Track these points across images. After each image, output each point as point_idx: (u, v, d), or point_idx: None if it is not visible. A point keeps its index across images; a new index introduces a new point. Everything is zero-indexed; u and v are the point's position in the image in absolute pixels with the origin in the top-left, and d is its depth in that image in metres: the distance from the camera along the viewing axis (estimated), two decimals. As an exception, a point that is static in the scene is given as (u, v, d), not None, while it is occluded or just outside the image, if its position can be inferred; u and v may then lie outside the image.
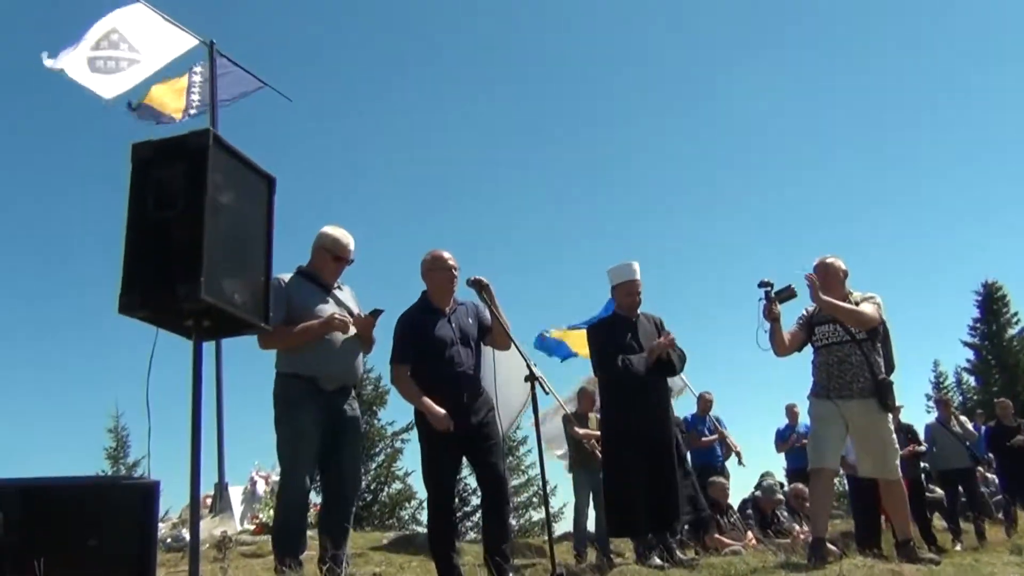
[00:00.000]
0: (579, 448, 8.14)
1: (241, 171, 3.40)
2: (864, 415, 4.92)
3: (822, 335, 5.15)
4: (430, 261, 4.67)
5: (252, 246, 3.43)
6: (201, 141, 3.15)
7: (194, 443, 3.12)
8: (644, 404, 5.31)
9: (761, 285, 5.05)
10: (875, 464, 4.99)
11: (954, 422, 9.86)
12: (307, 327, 4.24)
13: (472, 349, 4.60)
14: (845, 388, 4.96)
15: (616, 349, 5.41)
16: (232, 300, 3.21)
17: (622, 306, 5.68)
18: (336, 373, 4.33)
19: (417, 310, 4.65)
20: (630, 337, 5.49)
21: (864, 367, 4.96)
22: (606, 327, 5.74)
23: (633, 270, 5.64)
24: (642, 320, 5.62)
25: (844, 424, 4.96)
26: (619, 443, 5.34)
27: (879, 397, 4.91)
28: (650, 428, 5.27)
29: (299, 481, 4.14)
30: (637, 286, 5.60)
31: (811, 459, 5.01)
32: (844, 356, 5.02)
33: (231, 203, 3.25)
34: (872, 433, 4.94)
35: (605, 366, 5.50)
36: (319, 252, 4.49)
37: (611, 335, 5.54)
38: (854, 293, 5.22)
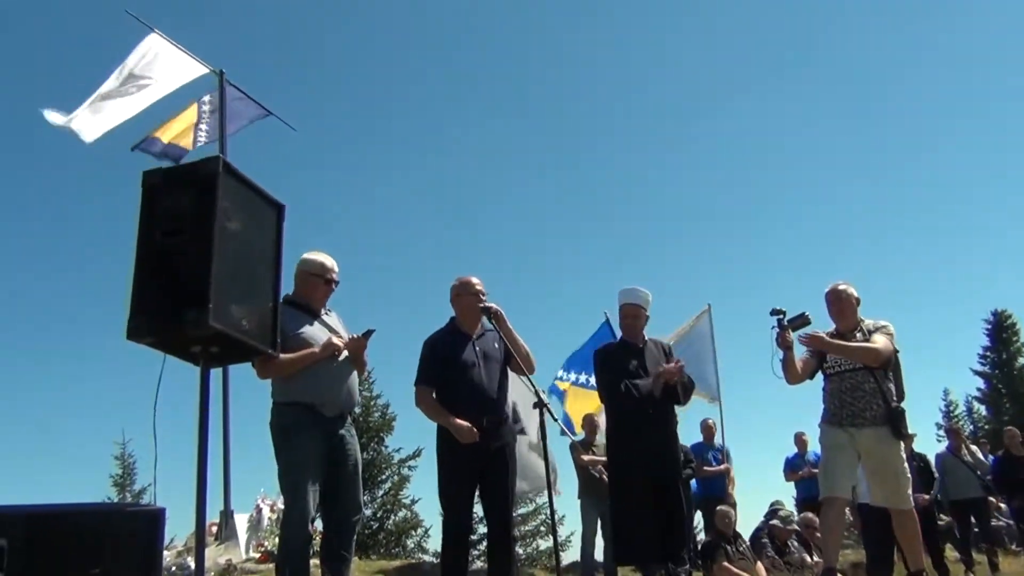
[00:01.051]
0: (586, 476, 8.10)
1: (250, 198, 3.42)
2: (877, 443, 4.88)
3: (834, 362, 5.12)
4: (458, 287, 4.75)
5: (260, 272, 3.44)
6: (211, 168, 3.18)
7: (200, 470, 3.12)
8: (649, 430, 5.27)
9: (773, 313, 5.04)
10: (887, 493, 4.94)
11: (965, 451, 9.77)
12: (307, 353, 4.23)
13: (496, 373, 4.64)
14: (858, 416, 4.92)
15: (620, 374, 5.39)
16: (240, 326, 3.22)
17: (623, 329, 5.69)
18: (335, 399, 4.32)
19: (443, 333, 4.73)
20: (636, 364, 5.46)
21: (877, 395, 4.93)
22: (612, 352, 5.73)
23: (636, 295, 5.64)
24: (650, 346, 5.60)
25: (856, 452, 4.92)
26: (625, 469, 5.30)
27: (892, 425, 4.87)
28: (656, 454, 5.23)
29: (302, 509, 4.11)
30: (636, 310, 5.59)
31: (823, 488, 4.97)
32: (857, 383, 4.99)
33: (240, 230, 3.27)
34: (885, 462, 4.89)
35: (610, 390, 5.50)
36: (307, 278, 4.47)
37: (617, 360, 5.53)
38: (866, 321, 5.20)
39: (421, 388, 4.58)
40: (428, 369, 4.59)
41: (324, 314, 4.54)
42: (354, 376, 4.48)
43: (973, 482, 9.51)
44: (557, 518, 4.79)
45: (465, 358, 4.59)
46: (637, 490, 5.16)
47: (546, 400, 4.47)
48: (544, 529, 21.97)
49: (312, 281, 4.47)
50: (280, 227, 3.59)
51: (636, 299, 5.62)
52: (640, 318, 5.58)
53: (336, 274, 4.52)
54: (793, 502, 10.32)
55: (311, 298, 4.47)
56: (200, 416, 3.17)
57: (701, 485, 9.26)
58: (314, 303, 4.48)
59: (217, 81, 9.46)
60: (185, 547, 8.13)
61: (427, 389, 4.57)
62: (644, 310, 5.61)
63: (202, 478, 3.11)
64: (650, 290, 5.71)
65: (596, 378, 5.77)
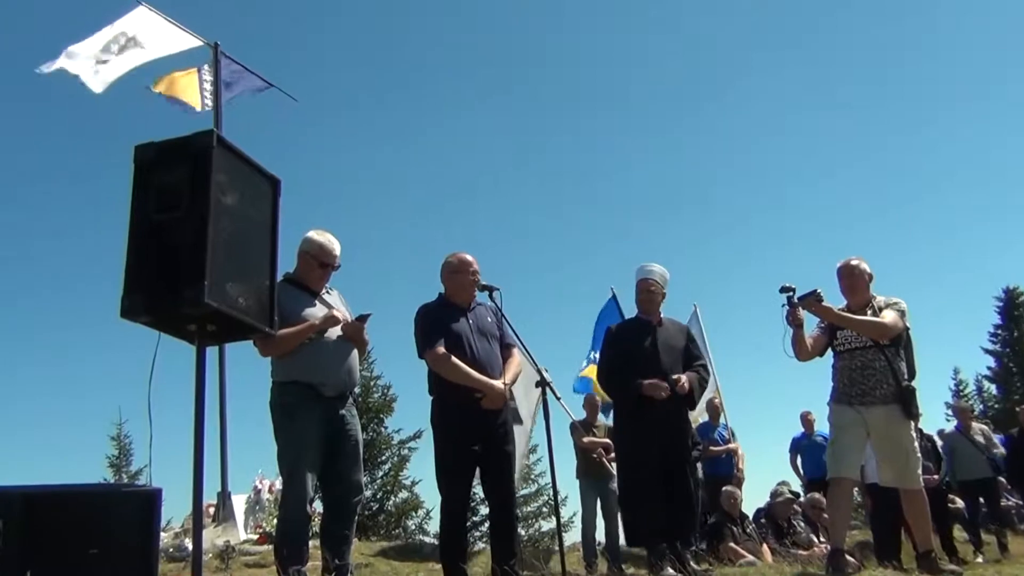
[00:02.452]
0: (585, 457, 8.12)
1: (245, 173, 3.40)
2: (887, 422, 4.88)
3: (844, 339, 5.12)
4: (456, 264, 4.76)
5: (257, 249, 3.43)
6: (205, 142, 3.16)
7: (197, 451, 3.12)
8: (658, 411, 5.24)
9: (783, 290, 5.02)
10: (897, 473, 4.95)
11: (975, 430, 9.79)
12: (307, 326, 4.24)
13: (491, 345, 4.67)
14: (868, 394, 4.92)
15: (627, 355, 5.38)
16: (236, 304, 3.21)
17: (639, 306, 5.65)
18: (335, 379, 4.33)
19: (435, 305, 4.74)
20: (649, 342, 5.42)
21: (887, 373, 4.93)
22: (622, 330, 5.72)
23: (650, 270, 5.60)
24: (666, 325, 5.56)
25: (865, 432, 4.93)
26: (633, 452, 5.30)
27: (902, 404, 4.87)
28: (665, 435, 5.21)
29: (301, 490, 4.13)
30: (650, 285, 5.54)
31: (830, 468, 4.98)
32: (867, 361, 4.99)
33: (235, 205, 3.26)
34: (894, 441, 4.90)
35: (610, 382, 5.52)
36: (304, 258, 4.49)
37: (628, 337, 5.50)
38: (878, 298, 5.18)
39: (435, 349, 4.52)
40: (434, 330, 4.57)
41: (326, 292, 4.54)
42: (354, 355, 4.49)
43: (982, 462, 9.53)
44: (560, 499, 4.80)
45: (459, 329, 4.60)
46: (645, 472, 5.16)
47: (548, 378, 4.47)
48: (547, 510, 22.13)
49: (308, 262, 4.47)
50: (276, 202, 3.58)
51: (650, 275, 5.58)
52: (655, 295, 5.54)
53: (336, 258, 4.51)
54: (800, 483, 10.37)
55: (307, 278, 4.48)
56: (196, 395, 3.17)
57: (708, 465, 9.30)
58: (311, 283, 4.48)
59: (212, 54, 9.41)
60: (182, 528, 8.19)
61: (439, 347, 4.51)
62: (660, 286, 5.57)
63: (199, 458, 3.12)
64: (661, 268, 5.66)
65: (599, 355, 5.76)
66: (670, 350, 5.44)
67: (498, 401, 4.48)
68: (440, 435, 4.53)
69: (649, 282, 5.56)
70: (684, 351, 5.53)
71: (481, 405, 4.45)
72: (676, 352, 5.47)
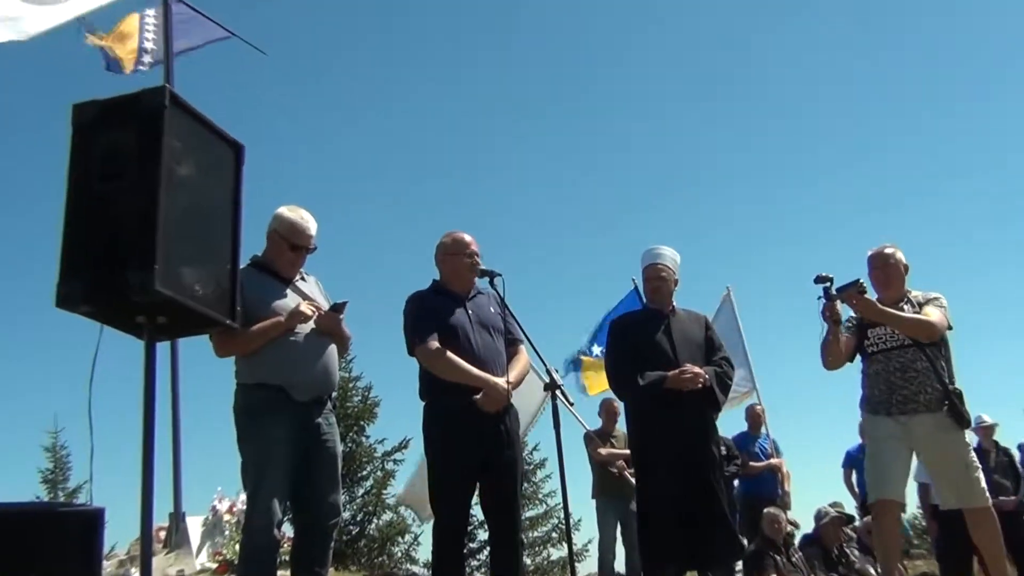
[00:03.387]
0: (603, 473, 8.14)
1: (203, 137, 3.41)
2: (935, 433, 4.88)
3: (877, 339, 5.12)
4: (450, 244, 4.79)
5: (216, 227, 3.44)
6: (156, 100, 3.16)
7: (146, 464, 3.14)
8: (678, 418, 5.20)
9: (818, 281, 5.01)
10: (957, 491, 4.94)
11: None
12: (272, 323, 4.26)
13: (494, 342, 4.69)
14: (910, 400, 4.92)
15: (637, 351, 5.35)
16: (192, 292, 3.22)
17: (648, 294, 5.66)
18: (309, 381, 4.34)
19: (428, 292, 4.77)
20: (661, 334, 5.41)
21: (930, 375, 4.92)
22: (632, 320, 5.72)
23: (658, 253, 5.59)
24: (680, 316, 5.55)
25: (908, 446, 4.93)
26: (650, 464, 5.28)
27: (952, 409, 4.86)
28: (687, 446, 5.18)
29: (267, 510, 4.14)
30: (659, 270, 5.51)
31: (871, 490, 4.98)
32: (907, 363, 4.99)
33: (191, 175, 3.26)
34: (947, 454, 4.90)
35: (618, 381, 5.49)
36: (274, 239, 4.50)
37: (636, 330, 5.49)
38: (914, 292, 5.19)
39: (426, 343, 4.54)
40: (427, 322, 4.59)
41: (300, 279, 4.56)
42: (333, 352, 4.50)
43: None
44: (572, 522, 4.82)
45: (455, 321, 4.62)
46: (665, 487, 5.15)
47: (558, 379, 4.48)
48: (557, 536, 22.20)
49: (278, 243, 4.48)
50: (240, 172, 3.59)
51: (658, 259, 5.57)
52: (665, 281, 5.52)
53: (310, 239, 4.52)
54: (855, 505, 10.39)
55: (278, 261, 4.49)
56: (145, 400, 3.19)
57: (747, 484, 9.32)
58: (281, 268, 4.50)
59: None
60: (128, 555, 8.22)
61: (432, 342, 4.54)
62: (671, 272, 5.55)
63: (148, 473, 3.14)
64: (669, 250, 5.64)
65: (606, 352, 5.75)
66: (687, 343, 5.42)
67: (499, 402, 4.49)
68: (433, 445, 4.56)
69: (658, 267, 5.55)
70: (704, 344, 5.52)
71: (479, 406, 4.47)
72: (694, 345, 5.45)
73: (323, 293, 4.68)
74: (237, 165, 3.59)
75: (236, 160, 3.59)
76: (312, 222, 4.53)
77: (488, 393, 4.48)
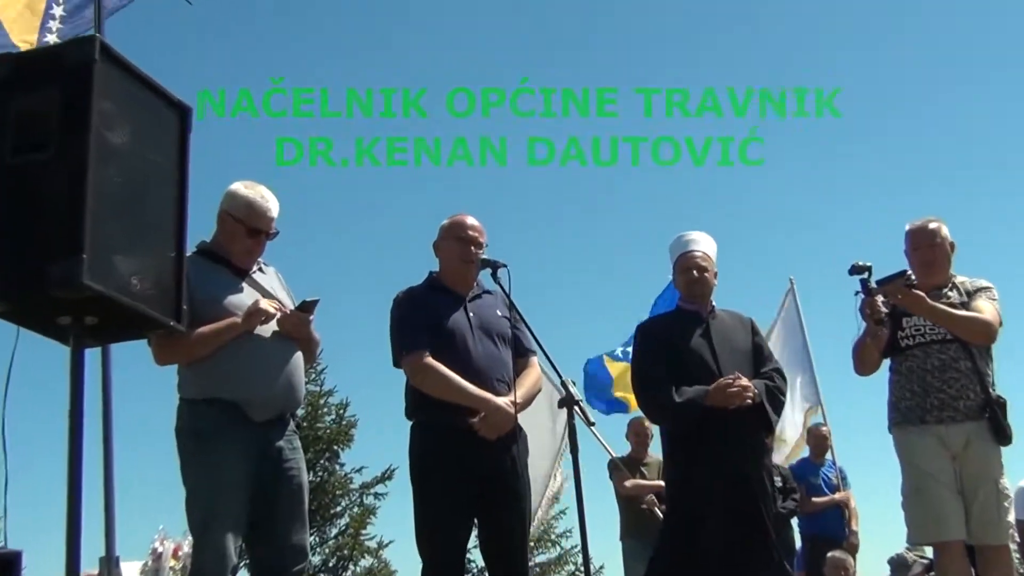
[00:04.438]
0: (631, 509, 8.14)
1: (142, 99, 3.41)
2: (970, 445, 4.87)
3: (914, 330, 5.11)
4: (447, 228, 4.83)
5: (158, 207, 3.44)
6: (84, 54, 3.16)
7: (71, 498, 3.14)
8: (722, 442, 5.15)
9: (854, 271, 5.05)
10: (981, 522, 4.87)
11: None
12: (227, 325, 4.28)
13: (499, 350, 4.72)
14: (947, 406, 4.92)
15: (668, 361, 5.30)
16: (128, 286, 3.22)
17: (682, 291, 5.61)
18: (270, 395, 4.37)
19: (421, 290, 4.80)
20: (698, 341, 5.38)
21: (973, 378, 4.93)
22: (659, 327, 5.68)
23: (692, 239, 5.53)
24: (721, 318, 5.52)
25: (952, 465, 4.89)
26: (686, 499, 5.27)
27: (992, 421, 4.86)
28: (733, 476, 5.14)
29: (219, 554, 4.16)
30: (695, 260, 5.44)
31: (922, 529, 4.96)
32: (948, 361, 4.99)
33: (127, 145, 3.26)
34: (980, 474, 4.88)
35: (648, 399, 5.46)
36: (227, 222, 4.52)
37: (666, 339, 5.44)
38: (959, 277, 5.19)
39: (416, 355, 4.57)
40: (417, 329, 4.62)
41: (257, 271, 4.57)
42: (297, 361, 4.52)
43: None
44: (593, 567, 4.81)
45: (452, 325, 4.64)
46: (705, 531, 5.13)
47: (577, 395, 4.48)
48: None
49: (232, 227, 4.50)
50: (185, 140, 3.58)
51: (693, 246, 5.50)
52: (705, 273, 5.45)
53: (272, 222, 4.54)
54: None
55: (231, 249, 4.51)
56: (71, 419, 3.18)
57: (808, 522, 9.32)
58: (236, 256, 4.50)
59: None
60: (51, 609, 8.25)
61: (422, 353, 4.56)
62: (708, 262, 5.48)
63: (74, 510, 3.14)
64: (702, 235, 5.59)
65: (632, 363, 5.72)
66: (731, 351, 5.39)
67: (501, 427, 4.49)
68: (421, 474, 4.56)
69: (694, 256, 5.46)
70: (752, 353, 5.50)
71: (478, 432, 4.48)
72: (739, 353, 5.42)
73: (285, 287, 4.70)
74: (183, 132, 3.57)
75: (182, 126, 3.57)
76: (273, 201, 4.54)
77: (490, 416, 4.49)
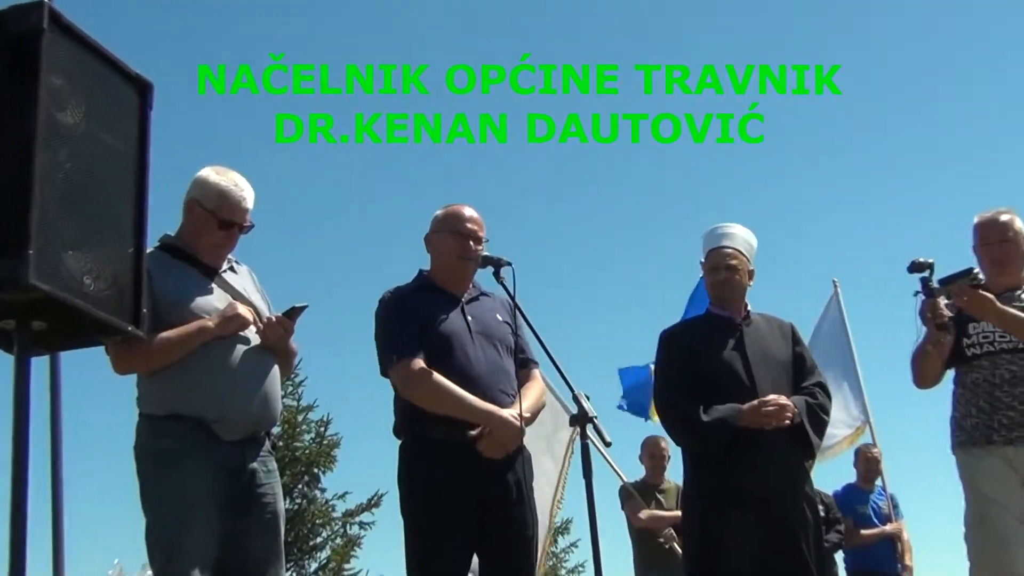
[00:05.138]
0: (647, 541, 8.15)
1: (97, 73, 3.41)
2: None
3: (982, 337, 5.13)
4: (441, 220, 4.86)
5: (115, 197, 3.45)
6: (31, 22, 3.17)
7: (15, 528, 3.15)
8: (757, 467, 5.16)
9: (914, 269, 5.06)
10: None
11: None
12: (195, 329, 4.28)
13: (501, 359, 4.74)
14: (1017, 426, 4.94)
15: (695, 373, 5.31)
16: (81, 287, 3.23)
17: (711, 293, 5.60)
18: (243, 412, 4.38)
19: (411, 290, 4.83)
20: (731, 350, 5.38)
21: None
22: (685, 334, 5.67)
23: (727, 233, 5.53)
24: (756, 324, 5.52)
25: (1022, 491, 4.91)
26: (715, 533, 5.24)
27: None
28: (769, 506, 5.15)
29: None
30: (727, 256, 5.43)
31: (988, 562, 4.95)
32: (1020, 373, 5.02)
33: (80, 126, 3.27)
34: None
35: (672, 417, 5.44)
36: (195, 213, 4.51)
37: (693, 348, 5.44)
38: None
39: (407, 361, 4.57)
40: (407, 330, 4.63)
41: (228, 270, 4.59)
42: (274, 375, 4.54)
43: None
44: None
45: (448, 329, 4.66)
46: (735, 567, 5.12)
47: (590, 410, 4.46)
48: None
49: (201, 218, 4.50)
50: (146, 120, 3.59)
51: (727, 241, 5.49)
52: (736, 273, 5.44)
53: (246, 213, 4.55)
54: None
55: (198, 244, 4.52)
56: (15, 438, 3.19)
57: (856, 556, 9.32)
58: (204, 252, 4.51)
59: None
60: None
61: (415, 360, 4.57)
62: (744, 260, 5.48)
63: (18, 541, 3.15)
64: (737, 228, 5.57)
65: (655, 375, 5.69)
66: (767, 362, 5.38)
67: (507, 444, 4.51)
68: (415, 501, 4.58)
69: (725, 252, 5.45)
70: (792, 363, 5.49)
71: (480, 451, 4.49)
72: (777, 365, 5.42)
73: (260, 289, 4.70)
74: (143, 111, 3.58)
75: (142, 104, 3.58)
76: (249, 190, 4.55)
77: (495, 431, 4.49)
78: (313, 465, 20.15)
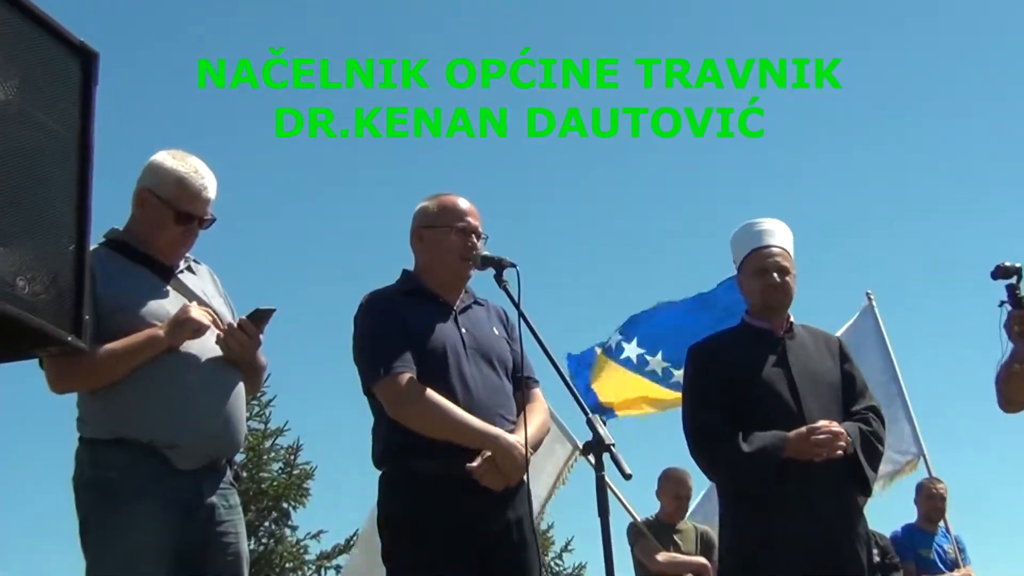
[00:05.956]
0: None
1: (33, 41, 3.43)
2: None
3: None
4: (436, 213, 4.83)
5: (53, 185, 3.46)
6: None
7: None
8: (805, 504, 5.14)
9: (999, 275, 5.08)
10: None
11: None
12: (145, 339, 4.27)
13: (499, 377, 4.75)
14: None
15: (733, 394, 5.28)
16: (12, 290, 3.24)
17: (754, 300, 5.54)
18: (201, 436, 4.37)
19: (395, 294, 4.80)
20: (773, 367, 5.36)
21: None
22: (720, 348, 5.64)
23: (765, 230, 5.49)
24: (800, 338, 5.50)
25: None
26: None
27: None
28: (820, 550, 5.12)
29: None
30: (773, 256, 5.38)
31: None
32: None
33: (13, 105, 3.28)
34: None
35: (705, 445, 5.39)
36: (148, 203, 4.49)
37: (730, 365, 5.40)
38: None
39: (396, 376, 4.54)
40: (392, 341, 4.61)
41: (186, 270, 4.60)
42: (238, 393, 4.54)
43: None
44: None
45: (439, 340, 4.65)
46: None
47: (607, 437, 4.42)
48: None
49: (155, 210, 4.49)
50: (90, 97, 3.60)
51: (770, 240, 5.45)
52: (785, 276, 5.38)
53: (207, 204, 4.54)
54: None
55: (152, 239, 4.51)
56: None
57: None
58: (158, 249, 4.52)
59: None
60: None
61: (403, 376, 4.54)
62: (790, 262, 5.43)
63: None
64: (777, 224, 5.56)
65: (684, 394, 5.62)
66: (814, 382, 5.37)
67: (513, 472, 4.51)
68: (400, 543, 4.57)
69: (772, 254, 5.41)
70: (841, 384, 5.47)
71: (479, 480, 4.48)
72: (824, 386, 5.40)
73: (222, 292, 4.70)
74: (86, 86, 3.59)
75: (85, 78, 3.59)
76: (210, 178, 4.52)
77: (499, 458, 4.47)
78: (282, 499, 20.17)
